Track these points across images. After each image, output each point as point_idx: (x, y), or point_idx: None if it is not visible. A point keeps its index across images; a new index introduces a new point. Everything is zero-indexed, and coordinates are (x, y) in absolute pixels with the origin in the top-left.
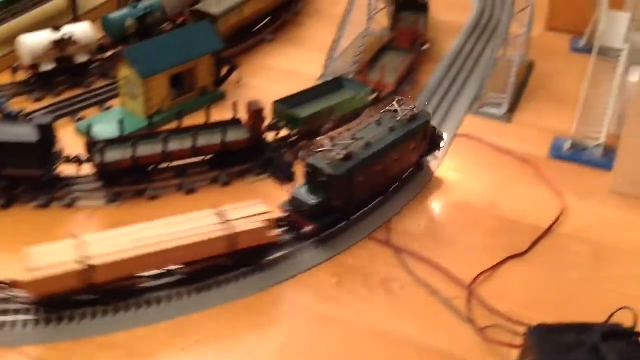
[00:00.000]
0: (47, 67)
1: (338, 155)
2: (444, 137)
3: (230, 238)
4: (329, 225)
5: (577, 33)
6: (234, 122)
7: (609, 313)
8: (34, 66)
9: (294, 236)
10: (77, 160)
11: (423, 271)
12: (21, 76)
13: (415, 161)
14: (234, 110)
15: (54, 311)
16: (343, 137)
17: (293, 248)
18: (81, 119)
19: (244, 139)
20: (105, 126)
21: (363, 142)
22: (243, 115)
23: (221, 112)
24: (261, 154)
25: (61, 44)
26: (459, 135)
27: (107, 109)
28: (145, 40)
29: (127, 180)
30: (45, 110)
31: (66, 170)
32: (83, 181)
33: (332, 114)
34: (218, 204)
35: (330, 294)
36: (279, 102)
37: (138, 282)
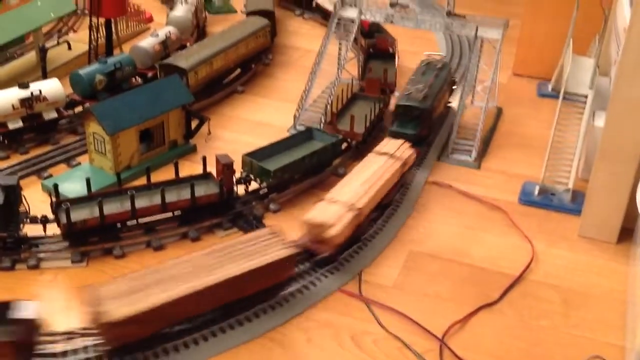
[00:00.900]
0: (15, 125)
1: (419, 95)
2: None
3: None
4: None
5: (544, 78)
6: (204, 177)
7: None
8: (1, 124)
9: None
10: (43, 220)
11: (395, 324)
12: None
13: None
14: (204, 164)
15: None
16: (411, 85)
17: (265, 304)
18: (48, 177)
19: (214, 194)
20: (72, 184)
21: (427, 85)
22: (213, 168)
23: (192, 166)
24: (231, 208)
25: (29, 101)
26: (429, 182)
27: (76, 166)
28: (114, 95)
29: (94, 239)
30: (11, 168)
31: (32, 230)
32: (48, 241)
33: (303, 166)
34: None
35: (299, 352)
36: (249, 155)
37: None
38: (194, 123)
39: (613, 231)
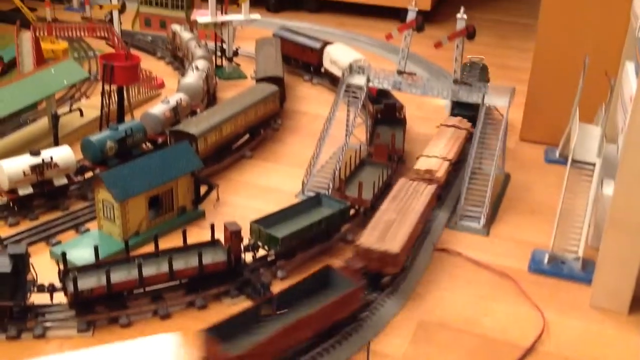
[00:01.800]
0: (25, 191)
1: None
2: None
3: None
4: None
5: (551, 144)
6: (211, 244)
7: None
8: (12, 191)
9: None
10: (50, 289)
11: None
12: None
13: None
14: (212, 231)
15: None
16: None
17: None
18: (57, 244)
19: (222, 262)
20: (80, 251)
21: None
22: (221, 234)
23: (200, 232)
24: (239, 275)
25: (40, 168)
26: (438, 249)
27: (84, 232)
28: (124, 161)
29: (101, 308)
30: (21, 235)
31: (38, 299)
32: (55, 310)
33: (311, 233)
34: (194, 329)
35: None
36: (257, 222)
37: None
38: (203, 189)
39: (624, 301)
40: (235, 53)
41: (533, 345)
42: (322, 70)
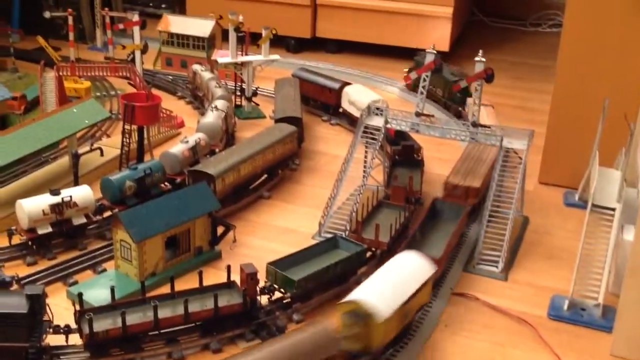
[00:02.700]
0: (44, 230)
1: None
2: None
3: None
4: None
5: (570, 187)
6: (227, 286)
7: None
8: (31, 230)
9: None
10: (66, 330)
11: None
12: (16, 239)
13: None
14: (228, 273)
15: None
16: None
17: None
18: (74, 283)
19: (237, 304)
20: (97, 291)
21: None
22: (237, 276)
23: (216, 273)
24: (254, 318)
25: (60, 207)
26: (455, 294)
27: (101, 272)
28: (143, 200)
29: (116, 350)
30: (38, 274)
31: (54, 340)
32: (70, 351)
33: (327, 275)
34: None
35: None
36: (273, 264)
37: None
38: (220, 230)
39: None
40: (254, 93)
41: None
42: (341, 110)
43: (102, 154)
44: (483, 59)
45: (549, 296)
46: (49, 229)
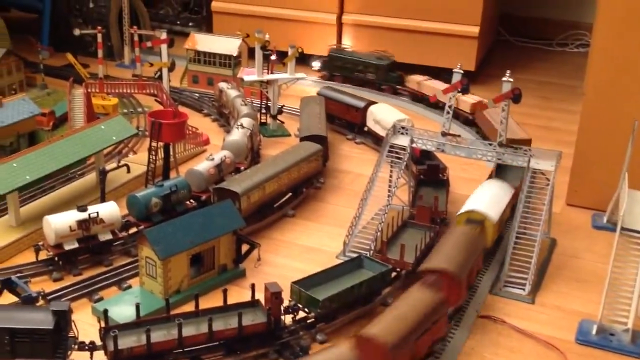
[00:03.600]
0: (71, 246)
1: None
2: None
3: None
4: None
5: (599, 209)
6: (251, 304)
7: None
8: (58, 245)
9: None
10: (91, 347)
11: None
12: (42, 255)
13: None
14: (252, 292)
15: None
16: None
17: None
18: (99, 300)
19: (261, 324)
20: (122, 308)
21: None
22: (261, 295)
23: (240, 291)
24: (278, 338)
25: (86, 223)
26: (481, 316)
27: (126, 288)
28: (168, 217)
29: None
30: (63, 290)
31: (79, 357)
32: None
33: (352, 295)
34: None
35: None
36: (297, 284)
37: None
38: (245, 248)
39: None
40: (279, 111)
41: None
42: (366, 129)
43: (129, 171)
44: (510, 79)
45: (577, 320)
46: (76, 245)
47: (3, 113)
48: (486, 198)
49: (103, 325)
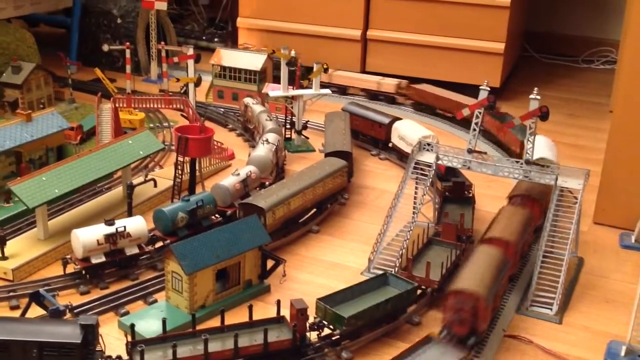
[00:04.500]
0: (98, 260)
1: None
2: None
3: None
4: None
5: (627, 228)
6: (277, 321)
7: None
8: (85, 259)
9: None
10: None
11: None
12: (70, 268)
13: None
14: (278, 308)
15: None
16: None
17: None
18: (125, 314)
19: (287, 340)
20: (148, 322)
21: None
22: (286, 311)
23: (265, 307)
24: (303, 355)
25: (113, 237)
26: (508, 335)
27: (152, 303)
28: (194, 231)
29: None
30: (90, 304)
31: None
32: None
33: (377, 313)
34: None
35: None
36: (323, 300)
37: None
38: (270, 263)
39: None
40: (304, 126)
41: None
42: (390, 145)
43: (156, 185)
44: (538, 97)
45: (606, 341)
46: (103, 259)
47: (33, 127)
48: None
49: (130, 339)
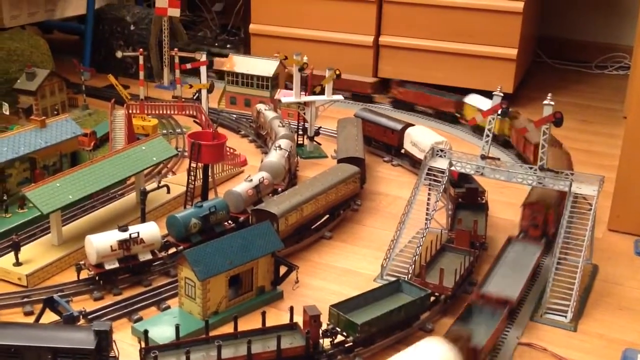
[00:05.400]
0: (111, 266)
1: None
2: None
3: None
4: None
5: None
6: (290, 327)
7: None
8: (99, 265)
9: None
10: None
11: None
12: (84, 274)
13: None
14: (291, 314)
15: None
16: None
17: None
18: (138, 320)
19: (300, 347)
20: (161, 328)
21: None
22: (298, 317)
23: (277, 313)
24: None
25: (127, 243)
26: (522, 343)
27: (165, 309)
28: (207, 238)
29: None
30: (104, 310)
31: None
32: None
33: (390, 320)
34: None
35: None
36: (336, 307)
37: None
38: (282, 270)
39: None
40: (317, 132)
41: None
42: (403, 151)
43: (169, 192)
44: (552, 103)
45: (621, 349)
46: (116, 265)
47: (47, 133)
48: None
49: (143, 345)
